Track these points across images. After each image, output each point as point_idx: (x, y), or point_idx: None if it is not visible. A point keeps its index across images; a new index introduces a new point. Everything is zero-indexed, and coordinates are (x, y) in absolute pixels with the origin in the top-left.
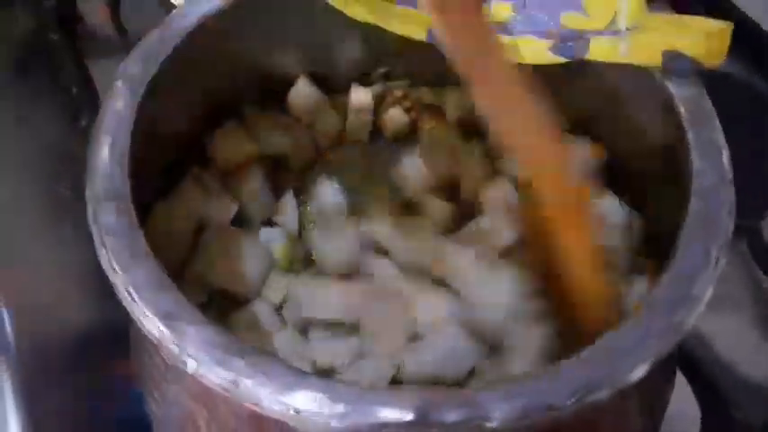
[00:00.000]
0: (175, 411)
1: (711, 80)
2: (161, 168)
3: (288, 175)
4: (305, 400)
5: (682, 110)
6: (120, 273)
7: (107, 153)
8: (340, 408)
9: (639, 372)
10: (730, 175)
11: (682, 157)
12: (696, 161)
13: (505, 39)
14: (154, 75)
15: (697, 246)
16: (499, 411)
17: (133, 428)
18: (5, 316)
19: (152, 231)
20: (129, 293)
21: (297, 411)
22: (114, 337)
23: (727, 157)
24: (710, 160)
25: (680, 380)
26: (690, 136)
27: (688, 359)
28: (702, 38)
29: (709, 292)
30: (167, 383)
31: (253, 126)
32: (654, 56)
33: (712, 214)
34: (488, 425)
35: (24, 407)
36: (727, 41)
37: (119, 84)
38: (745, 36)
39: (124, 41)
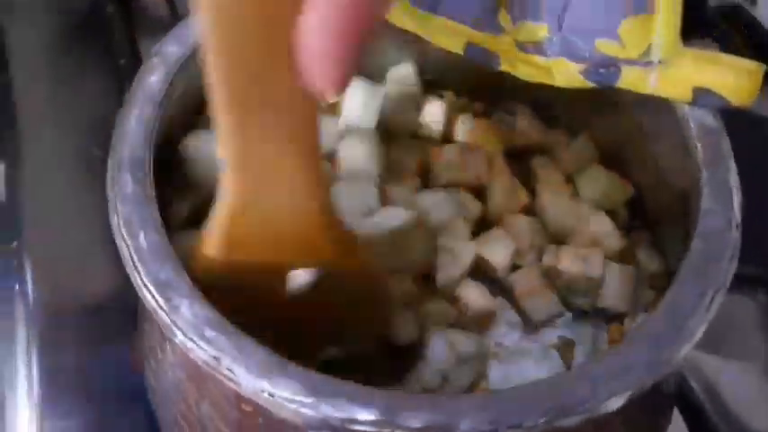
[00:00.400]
0: (168, 382)
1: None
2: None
3: None
4: (280, 386)
5: (699, 148)
6: (126, 239)
7: (134, 123)
8: (311, 398)
9: (615, 403)
10: (738, 220)
11: (694, 197)
12: (706, 202)
13: (540, 60)
14: (187, 56)
15: (693, 286)
16: (466, 423)
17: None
18: (29, 269)
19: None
20: (132, 260)
21: (271, 395)
22: (129, 306)
23: (738, 202)
24: (721, 203)
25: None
26: (704, 176)
27: (692, 406)
28: (733, 76)
29: (699, 332)
30: (163, 354)
31: None
32: (684, 92)
33: (714, 256)
34: None
35: (38, 360)
36: (758, 82)
37: (154, 60)
38: None
39: (173, 22)
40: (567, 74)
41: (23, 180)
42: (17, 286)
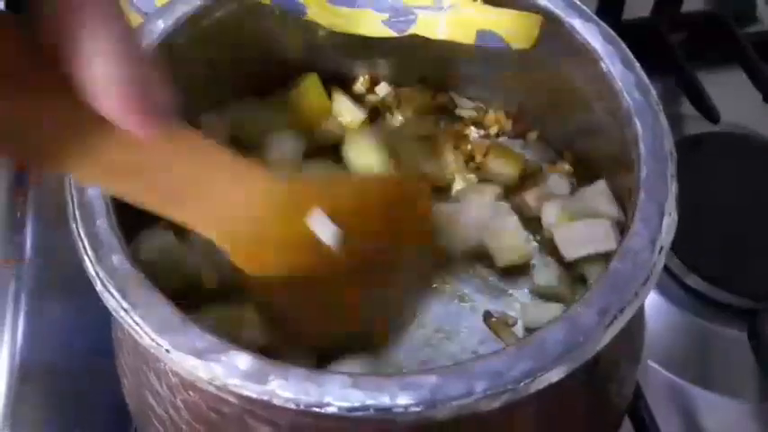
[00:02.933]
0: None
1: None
2: None
3: None
4: (177, 340)
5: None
6: (73, 193)
7: None
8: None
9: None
10: (664, 244)
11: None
12: (636, 224)
13: (346, 10)
14: (168, 32)
15: (597, 302)
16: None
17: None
18: (29, 227)
19: None
20: (74, 212)
21: (167, 350)
22: None
23: (666, 227)
24: (649, 227)
25: None
26: (641, 198)
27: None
28: (512, 20)
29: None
30: None
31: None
32: (469, 34)
33: (627, 277)
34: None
35: (27, 314)
36: (536, 28)
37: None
38: None
39: None
40: (370, 24)
41: None
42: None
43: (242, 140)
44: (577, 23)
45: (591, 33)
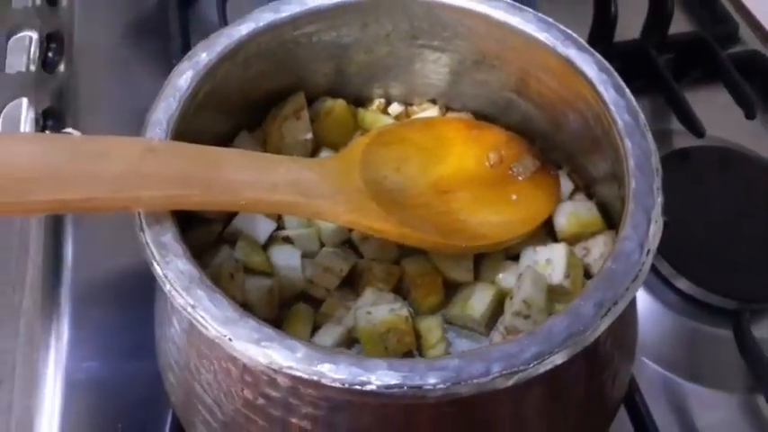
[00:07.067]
0: (165, 336)
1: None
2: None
3: None
4: (237, 332)
5: (633, 185)
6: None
7: (160, 114)
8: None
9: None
10: (650, 247)
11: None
12: (626, 229)
13: None
14: (214, 62)
15: (595, 296)
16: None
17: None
18: (70, 256)
19: None
20: (141, 224)
21: (230, 339)
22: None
23: (653, 233)
24: (638, 232)
25: None
26: (630, 208)
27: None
28: None
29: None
30: (164, 309)
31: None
32: None
33: (620, 275)
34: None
35: (73, 328)
36: None
37: (185, 63)
38: None
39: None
40: None
41: None
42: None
43: None
44: (573, 53)
45: (586, 63)
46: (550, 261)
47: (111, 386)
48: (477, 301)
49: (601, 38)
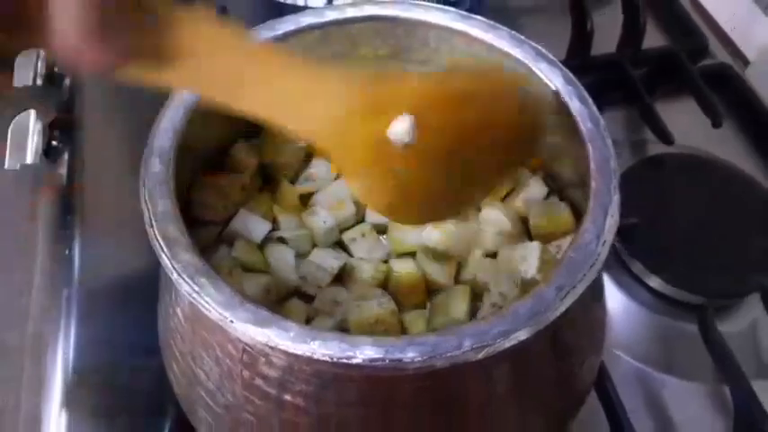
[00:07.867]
0: (169, 326)
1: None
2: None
3: None
4: (238, 314)
5: (593, 184)
6: (148, 205)
7: (166, 123)
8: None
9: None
10: (606, 239)
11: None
12: (586, 221)
13: None
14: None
15: (557, 282)
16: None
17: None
18: (77, 258)
19: None
20: (150, 220)
21: (232, 321)
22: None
23: (609, 226)
24: (596, 225)
25: None
26: (590, 204)
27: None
28: None
29: (552, 314)
30: (169, 303)
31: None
32: None
33: (579, 264)
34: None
35: (79, 328)
36: None
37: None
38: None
39: None
40: None
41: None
42: (68, 252)
43: (269, 169)
44: (543, 67)
45: (555, 76)
46: (525, 258)
47: (117, 386)
48: (458, 303)
49: (578, 52)
